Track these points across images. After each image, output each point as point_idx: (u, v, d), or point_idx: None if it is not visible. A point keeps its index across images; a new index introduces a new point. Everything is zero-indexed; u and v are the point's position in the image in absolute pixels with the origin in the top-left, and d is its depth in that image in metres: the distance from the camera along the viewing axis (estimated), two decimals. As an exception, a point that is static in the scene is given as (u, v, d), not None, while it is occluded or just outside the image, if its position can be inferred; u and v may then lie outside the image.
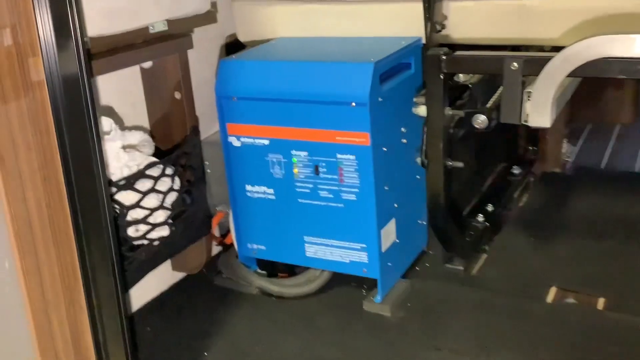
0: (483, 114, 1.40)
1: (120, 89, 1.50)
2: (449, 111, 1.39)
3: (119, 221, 1.32)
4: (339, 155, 1.46)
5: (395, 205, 1.55)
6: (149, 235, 1.39)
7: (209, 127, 1.75)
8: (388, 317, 1.52)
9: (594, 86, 2.48)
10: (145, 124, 1.58)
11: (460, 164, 1.43)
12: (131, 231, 1.36)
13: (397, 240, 1.58)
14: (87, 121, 1.10)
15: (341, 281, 1.64)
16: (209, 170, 1.72)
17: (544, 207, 1.99)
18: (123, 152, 1.35)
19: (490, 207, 1.80)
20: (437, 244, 1.76)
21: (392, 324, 1.50)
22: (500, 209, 1.85)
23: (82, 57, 1.08)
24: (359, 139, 1.42)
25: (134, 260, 1.37)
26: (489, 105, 1.46)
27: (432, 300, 1.56)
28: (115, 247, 1.18)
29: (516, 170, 2.06)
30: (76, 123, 1.09)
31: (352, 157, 1.44)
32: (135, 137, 1.44)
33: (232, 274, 1.67)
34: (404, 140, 1.55)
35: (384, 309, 1.53)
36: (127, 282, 1.36)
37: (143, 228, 1.38)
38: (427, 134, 1.41)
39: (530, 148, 2.15)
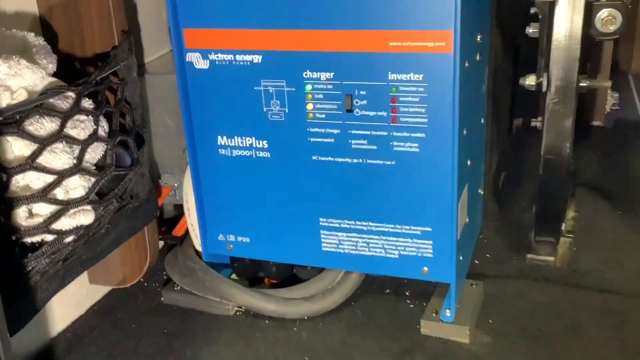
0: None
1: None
2: (595, -8, 0.80)
3: (-8, 197, 0.64)
4: (392, 76, 0.84)
5: (469, 162, 0.96)
6: (57, 225, 0.72)
7: (149, 46, 1.08)
8: (467, 345, 0.93)
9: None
10: (35, 20, 0.89)
11: (606, 84, 0.85)
12: (20, 216, 0.68)
13: (467, 221, 0.99)
14: None
15: (364, 286, 1.04)
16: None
17: (606, 169, 1.46)
18: (-3, 61, 0.68)
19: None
20: (489, 226, 1.20)
21: (477, 356, 0.91)
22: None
23: None
24: (434, 43, 0.81)
25: (28, 274, 0.70)
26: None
27: (527, 312, 0.97)
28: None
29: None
30: None
31: (418, 77, 0.83)
32: (21, 38, 0.75)
33: (192, 285, 1.01)
34: (478, 57, 0.96)
35: (459, 332, 0.93)
36: (15, 317, 0.69)
37: (44, 210, 0.71)
38: (554, 34, 0.81)
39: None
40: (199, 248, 1.04)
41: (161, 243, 1.15)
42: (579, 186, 1.32)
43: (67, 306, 0.98)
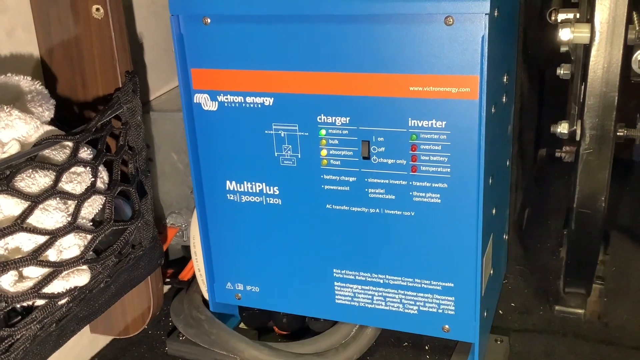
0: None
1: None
2: (633, 33, 0.74)
3: (-24, 263, 0.59)
4: (413, 122, 0.78)
5: (494, 211, 0.90)
6: (48, 288, 0.66)
7: (155, 81, 1.03)
8: (491, 410, 0.86)
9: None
10: (35, 63, 0.85)
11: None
12: (6, 282, 0.63)
13: (492, 272, 0.92)
14: None
15: (381, 338, 0.98)
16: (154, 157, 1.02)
17: (635, 207, 1.38)
18: (-14, 113, 0.63)
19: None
20: (513, 271, 1.14)
21: None
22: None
23: None
24: (458, 89, 0.75)
25: (14, 343, 0.65)
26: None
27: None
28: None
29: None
30: None
31: (440, 124, 0.77)
32: (15, 85, 0.71)
33: (198, 336, 0.96)
34: (504, 99, 0.90)
35: (483, 397, 0.87)
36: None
37: (34, 273, 0.65)
38: (589, 80, 0.75)
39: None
40: (205, 295, 0.98)
41: (167, 286, 1.10)
42: (611, 227, 1.25)
43: (66, 357, 0.93)
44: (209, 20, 0.82)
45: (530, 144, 1.27)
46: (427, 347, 0.97)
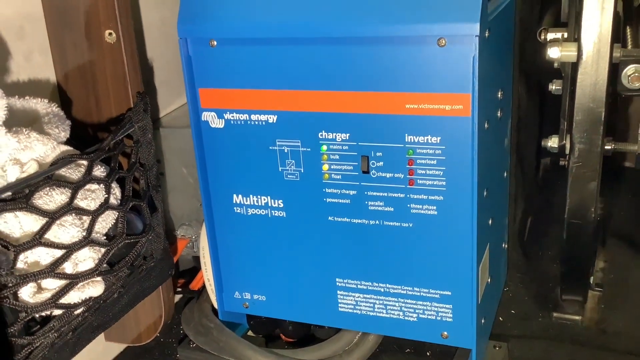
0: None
1: (3, 24, 0.82)
2: (618, 52, 0.77)
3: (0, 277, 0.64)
4: (409, 138, 0.82)
5: (490, 221, 0.93)
6: (65, 299, 0.71)
7: (165, 99, 1.08)
8: (489, 414, 0.90)
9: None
10: (51, 87, 0.90)
11: (633, 148, 0.82)
12: (26, 293, 0.68)
13: (490, 280, 0.96)
14: None
15: (384, 344, 1.01)
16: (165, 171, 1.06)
17: (637, 214, 1.41)
18: (7, 135, 0.68)
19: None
20: (514, 278, 1.17)
21: None
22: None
23: None
24: (452, 106, 0.79)
25: (34, 351, 0.69)
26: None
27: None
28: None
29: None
30: None
31: (435, 139, 0.81)
32: (33, 109, 0.75)
33: (208, 343, 1.00)
34: (499, 113, 0.93)
35: (481, 400, 0.90)
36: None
37: (52, 285, 0.70)
38: (577, 96, 0.78)
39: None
40: (215, 304, 1.02)
41: (178, 295, 1.14)
42: (610, 234, 1.28)
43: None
44: (215, 43, 0.87)
45: (532, 154, 1.30)
46: (428, 354, 1.01)
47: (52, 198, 0.70)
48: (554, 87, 0.89)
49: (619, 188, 1.47)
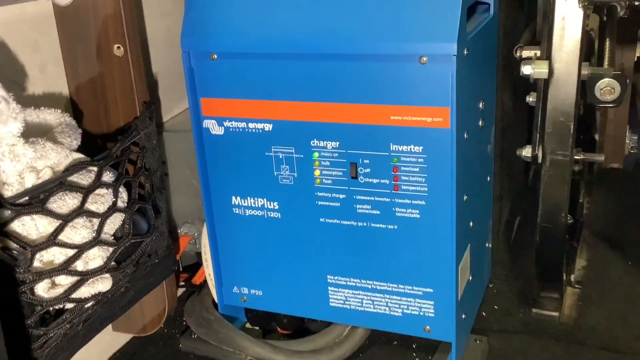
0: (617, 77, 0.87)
1: (20, 38, 0.89)
2: (586, 70, 0.84)
3: (17, 273, 0.71)
4: (394, 147, 0.89)
5: (471, 223, 1.00)
6: (77, 294, 0.78)
7: (169, 106, 1.15)
8: (468, 403, 0.96)
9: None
10: (64, 97, 0.97)
11: (600, 158, 0.88)
12: (41, 289, 0.75)
13: (471, 278, 1.03)
14: None
15: (372, 337, 1.08)
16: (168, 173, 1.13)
17: (620, 214, 1.47)
18: (24, 145, 0.75)
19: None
20: (499, 276, 1.23)
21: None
22: (579, 220, 1.32)
23: None
24: (432, 119, 0.86)
25: (48, 340, 0.76)
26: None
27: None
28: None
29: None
30: None
31: (417, 148, 0.88)
32: (47, 119, 0.82)
33: (208, 334, 1.07)
34: (481, 123, 1.00)
35: (460, 390, 0.97)
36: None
37: (64, 281, 0.77)
38: (548, 110, 0.85)
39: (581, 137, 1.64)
40: (215, 298, 1.09)
41: (182, 289, 1.21)
42: (592, 234, 1.34)
43: (91, 352, 1.05)
44: (215, 56, 0.93)
45: (518, 158, 1.36)
46: (414, 346, 1.08)
47: (65, 202, 0.77)
48: (531, 99, 0.95)
49: (606, 189, 1.53)
